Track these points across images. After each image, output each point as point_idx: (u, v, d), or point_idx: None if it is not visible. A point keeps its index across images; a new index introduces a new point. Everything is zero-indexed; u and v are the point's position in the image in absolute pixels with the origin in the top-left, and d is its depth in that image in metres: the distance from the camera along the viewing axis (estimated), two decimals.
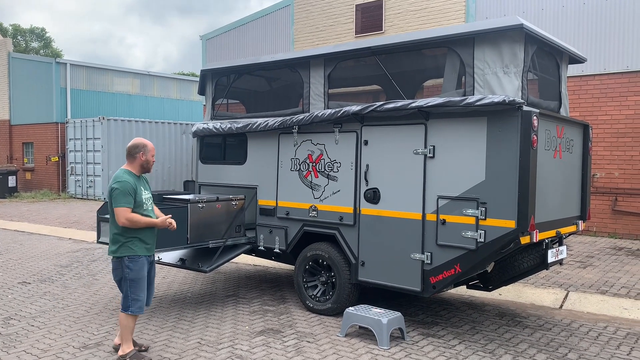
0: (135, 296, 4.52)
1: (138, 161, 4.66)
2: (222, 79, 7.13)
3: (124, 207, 4.42)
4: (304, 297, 6.08)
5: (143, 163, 4.67)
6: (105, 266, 8.61)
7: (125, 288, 4.53)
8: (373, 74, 6.30)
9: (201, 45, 18.83)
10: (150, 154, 4.69)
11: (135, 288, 4.53)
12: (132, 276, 4.51)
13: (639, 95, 10.99)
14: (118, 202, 4.43)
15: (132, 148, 4.66)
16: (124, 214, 4.42)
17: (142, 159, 4.66)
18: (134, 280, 4.51)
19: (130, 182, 4.51)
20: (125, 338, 4.58)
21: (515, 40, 4.78)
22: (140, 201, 4.56)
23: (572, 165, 5.69)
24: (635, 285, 7.13)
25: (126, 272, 4.51)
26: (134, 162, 4.66)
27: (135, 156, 4.65)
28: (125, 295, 4.53)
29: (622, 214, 11.21)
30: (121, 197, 4.43)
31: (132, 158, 4.66)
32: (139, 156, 4.65)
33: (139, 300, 4.54)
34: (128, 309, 4.52)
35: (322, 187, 5.93)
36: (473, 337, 5.30)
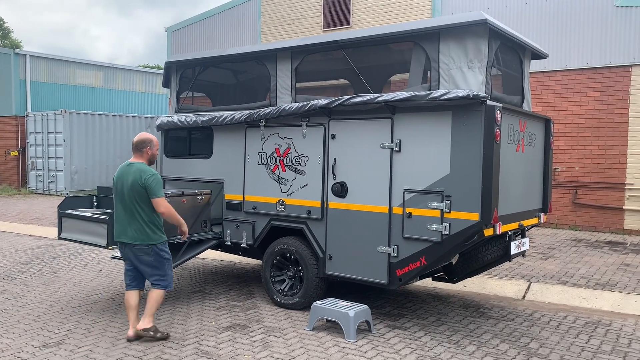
0: (168, 274, 4.96)
1: (145, 155, 4.95)
2: (187, 71, 7.02)
3: (163, 197, 4.84)
4: (271, 291, 6.06)
5: (150, 157, 4.98)
6: (68, 263, 8.40)
7: (163, 268, 4.92)
8: (340, 68, 6.29)
9: (166, 38, 18.50)
10: (155, 148, 5.00)
11: (169, 266, 4.99)
12: (168, 256, 4.96)
13: (598, 91, 11.31)
14: (158, 193, 4.79)
15: (140, 143, 4.93)
16: (164, 204, 4.83)
17: (149, 154, 4.96)
18: (169, 259, 4.98)
19: (153, 170, 4.88)
20: (152, 313, 4.95)
21: (480, 35, 4.85)
22: None
23: (534, 159, 5.82)
24: (593, 276, 7.35)
25: (164, 254, 4.92)
26: (142, 156, 4.95)
27: (142, 150, 4.94)
28: (164, 274, 4.92)
29: (582, 207, 11.54)
30: (159, 188, 4.80)
31: (140, 152, 4.94)
32: (146, 150, 4.95)
33: (170, 276, 5.00)
34: (167, 287, 4.97)
35: (289, 181, 5.91)
36: (438, 329, 5.38)
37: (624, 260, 8.40)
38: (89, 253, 9.19)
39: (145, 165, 4.89)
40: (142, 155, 4.94)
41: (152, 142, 4.97)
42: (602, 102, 11.27)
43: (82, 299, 6.34)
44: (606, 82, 11.23)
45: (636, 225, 11.00)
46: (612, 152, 11.20)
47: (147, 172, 4.81)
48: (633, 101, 10.97)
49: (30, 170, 19.86)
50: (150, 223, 4.85)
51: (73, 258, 8.81)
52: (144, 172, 4.79)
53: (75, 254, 9.17)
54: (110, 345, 4.85)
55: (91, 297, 6.46)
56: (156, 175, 4.82)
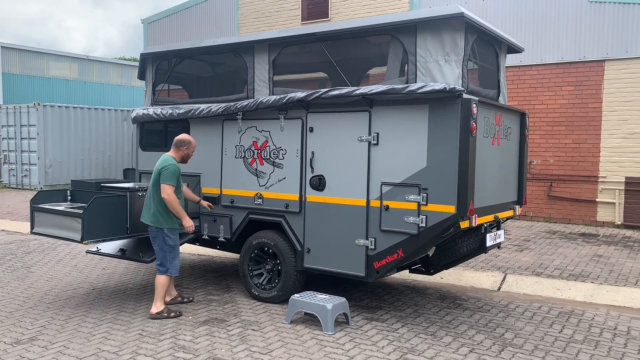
0: (172, 261, 5.42)
1: (181, 153, 5.55)
2: (163, 63, 6.92)
3: (169, 185, 5.31)
4: (249, 285, 6.04)
5: (184, 156, 5.58)
6: (41, 258, 8.25)
7: (164, 254, 5.40)
8: (319, 61, 6.27)
9: (142, 29, 18.22)
10: (191, 150, 5.61)
11: (174, 254, 5.44)
12: (171, 243, 5.40)
13: (572, 85, 11.50)
14: (166, 180, 5.30)
15: (180, 141, 5.56)
16: (167, 190, 5.30)
17: (184, 152, 5.56)
18: (173, 247, 5.42)
19: (178, 167, 5.44)
20: (160, 297, 5.43)
21: (456, 28, 4.87)
22: (179, 184, 5.49)
23: (509, 152, 5.89)
24: (567, 267, 7.49)
25: (167, 240, 5.39)
26: (177, 152, 5.56)
27: (180, 148, 5.55)
28: (164, 259, 5.41)
29: (556, 199, 11.74)
30: (169, 176, 5.32)
31: (177, 149, 5.55)
32: (183, 149, 5.55)
33: (175, 264, 5.45)
34: (167, 272, 5.41)
35: (267, 175, 5.88)
36: (415, 320, 5.43)
37: (596, 252, 8.58)
38: (63, 248, 9.04)
39: (171, 157, 5.47)
40: (178, 151, 5.54)
41: (190, 143, 5.59)
42: (576, 96, 11.46)
43: (56, 295, 6.24)
44: (580, 77, 11.42)
45: (608, 217, 11.23)
46: (585, 146, 11.41)
47: (168, 161, 5.40)
48: (606, 95, 11.18)
49: (3, 164, 19.43)
50: (162, 208, 5.35)
51: (47, 253, 8.66)
52: (165, 161, 5.40)
53: (50, 249, 9.02)
54: (85, 340, 4.79)
55: (65, 292, 6.36)
56: (173, 166, 5.37)
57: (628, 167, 11.02)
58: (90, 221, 5.34)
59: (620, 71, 11.04)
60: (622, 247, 8.99)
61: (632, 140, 10.96)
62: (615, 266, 7.57)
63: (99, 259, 8.16)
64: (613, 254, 8.39)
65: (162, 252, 5.42)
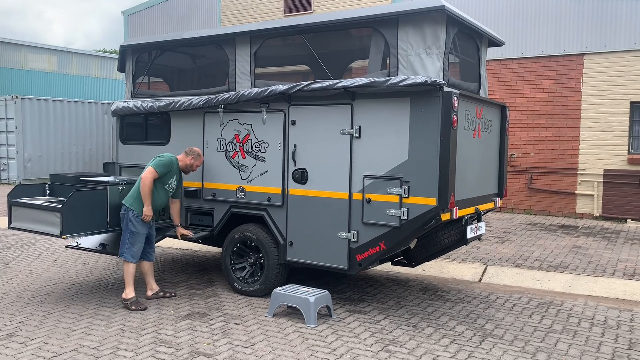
0: (130, 245, 5.43)
1: (187, 161, 5.73)
2: (143, 55, 6.83)
3: (153, 170, 5.40)
4: (231, 279, 6.02)
5: (189, 165, 5.74)
6: (20, 253, 8.13)
7: (125, 237, 5.44)
8: (301, 54, 6.24)
9: (123, 21, 17.97)
10: (197, 163, 5.78)
11: (133, 239, 5.43)
12: (132, 228, 5.40)
13: (552, 78, 11.62)
14: (154, 164, 5.44)
15: (190, 151, 5.78)
16: (148, 173, 5.38)
17: (189, 162, 5.73)
18: (133, 232, 5.41)
19: (174, 163, 5.60)
20: (127, 282, 5.48)
21: (437, 21, 4.88)
22: (166, 180, 5.58)
23: (490, 145, 5.94)
24: (547, 258, 7.60)
25: (129, 224, 5.41)
26: (185, 158, 5.74)
27: (188, 155, 5.74)
28: (123, 242, 5.45)
29: (536, 192, 11.89)
30: (159, 163, 5.45)
31: (186, 155, 5.75)
32: (190, 159, 5.73)
33: (132, 249, 5.44)
34: (123, 255, 5.45)
35: (249, 168, 5.85)
36: (397, 312, 5.46)
37: (575, 243, 8.71)
38: (42, 243, 8.92)
39: (175, 157, 5.68)
40: (185, 157, 5.74)
41: (199, 156, 5.78)
42: (557, 89, 11.59)
43: (35, 290, 6.16)
44: (560, 70, 11.55)
45: (587, 209, 11.41)
46: (565, 139, 11.56)
47: (168, 156, 5.60)
48: (585, 89, 11.33)
49: None
50: (138, 191, 5.43)
51: (26, 248, 8.54)
52: (167, 155, 5.61)
53: (28, 244, 8.89)
54: (65, 336, 4.73)
55: (45, 287, 6.27)
56: (169, 160, 5.54)
57: (606, 160, 11.19)
58: (70, 215, 5.27)
59: (599, 65, 11.19)
60: (600, 239, 9.14)
61: (611, 133, 11.13)
62: (593, 257, 7.70)
63: (79, 253, 8.07)
64: (591, 245, 8.53)
65: (123, 232, 5.48)
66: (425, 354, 4.41)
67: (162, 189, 5.61)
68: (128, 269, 5.49)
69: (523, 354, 4.44)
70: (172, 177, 5.65)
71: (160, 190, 5.59)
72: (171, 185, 5.68)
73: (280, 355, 4.35)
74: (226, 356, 4.32)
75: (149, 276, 5.78)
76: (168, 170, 5.55)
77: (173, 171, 5.63)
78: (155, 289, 5.82)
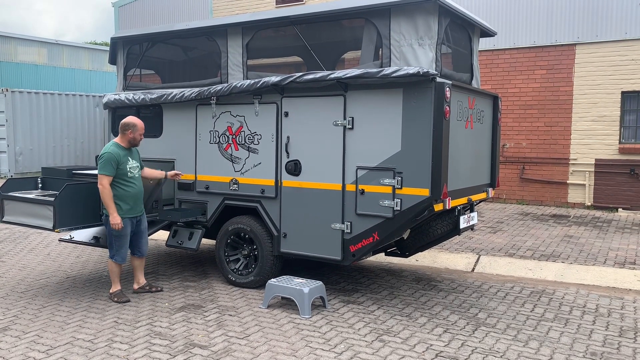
0: (118, 248, 5.42)
1: (126, 137, 5.44)
2: (135, 47, 6.79)
3: (103, 174, 5.25)
4: (225, 271, 6.03)
5: (131, 139, 5.45)
6: (13, 247, 8.10)
7: (110, 241, 5.42)
8: (293, 45, 6.22)
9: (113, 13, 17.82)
10: (138, 132, 5.46)
11: (118, 242, 5.40)
12: (114, 233, 5.34)
13: (544, 69, 11.66)
14: (100, 169, 5.27)
15: (123, 125, 5.45)
16: (101, 180, 5.25)
17: (130, 136, 5.44)
18: (116, 236, 5.36)
19: (115, 152, 5.30)
20: (112, 280, 5.56)
21: (430, 12, 4.88)
22: (123, 170, 5.34)
23: (482, 136, 5.96)
24: (539, 248, 7.66)
25: (110, 229, 5.33)
26: (123, 137, 5.45)
27: (125, 132, 5.43)
28: (110, 245, 5.44)
29: (528, 182, 11.96)
30: (102, 165, 5.25)
31: (122, 134, 5.45)
32: (128, 133, 5.43)
33: (120, 252, 5.43)
34: (113, 257, 5.45)
35: (242, 160, 5.85)
36: (391, 302, 5.50)
37: (567, 232, 8.78)
38: (35, 236, 8.88)
39: (112, 144, 5.39)
40: (123, 136, 5.44)
41: (135, 126, 5.44)
42: (548, 79, 11.63)
43: (28, 284, 6.14)
44: (552, 60, 11.59)
45: (579, 198, 11.50)
46: (557, 129, 11.62)
47: (104, 149, 5.33)
48: (577, 79, 11.37)
49: None
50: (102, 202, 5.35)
51: (19, 242, 8.50)
52: (103, 149, 5.34)
53: (21, 237, 8.85)
54: (59, 329, 4.74)
55: (38, 281, 6.26)
56: (107, 154, 5.25)
57: (598, 150, 11.26)
58: (62, 209, 5.25)
59: (590, 55, 11.23)
60: (592, 228, 9.22)
61: (602, 123, 11.19)
62: (585, 246, 7.77)
63: (73, 247, 8.05)
64: (583, 235, 8.61)
65: (108, 237, 5.44)
66: (419, 343, 4.44)
67: (128, 180, 5.37)
68: (113, 267, 5.50)
69: (515, 342, 4.49)
70: (126, 162, 5.36)
71: (129, 182, 5.36)
72: (132, 169, 5.42)
73: (274, 346, 4.37)
74: (221, 347, 4.34)
75: (138, 270, 5.78)
76: (116, 163, 5.26)
77: (122, 158, 5.32)
78: (142, 282, 5.81)
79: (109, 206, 5.23)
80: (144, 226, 5.64)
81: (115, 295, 5.50)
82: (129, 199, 5.37)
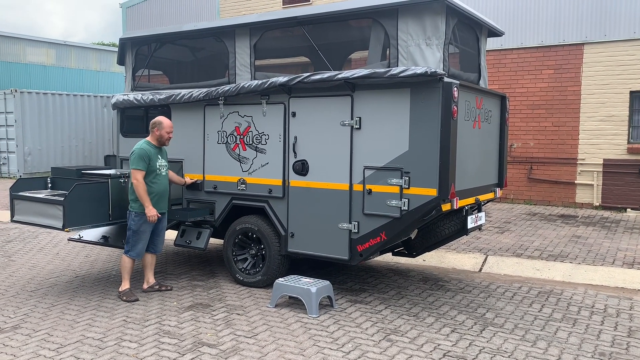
0: (134, 244, 5.51)
1: (154, 135, 5.60)
2: (143, 48, 6.83)
3: (136, 169, 5.40)
4: (233, 270, 6.05)
5: (158, 137, 5.59)
6: (23, 246, 8.17)
7: (128, 235, 5.52)
8: (300, 45, 6.24)
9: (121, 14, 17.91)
10: (164, 130, 5.58)
11: (136, 238, 5.50)
12: (134, 228, 5.48)
13: (552, 68, 11.61)
14: (132, 164, 5.41)
15: (151, 124, 5.63)
16: (135, 175, 5.39)
17: (156, 134, 5.58)
18: (135, 231, 5.48)
19: (145, 150, 5.46)
20: (123, 277, 5.61)
21: (437, 12, 4.88)
22: (153, 167, 5.51)
23: (490, 135, 5.95)
24: (546, 248, 7.64)
25: (130, 224, 5.49)
26: (152, 135, 5.62)
27: (152, 131, 5.61)
28: (127, 241, 5.53)
29: (536, 182, 11.91)
30: (134, 160, 5.40)
31: (151, 132, 5.63)
32: (154, 131, 5.59)
33: (136, 248, 5.54)
34: (127, 253, 5.55)
35: (250, 160, 5.87)
36: (398, 302, 5.50)
37: (575, 233, 8.75)
38: (45, 236, 8.95)
39: (144, 142, 5.55)
40: (152, 134, 5.61)
41: (160, 124, 5.58)
42: (556, 79, 11.58)
43: (38, 283, 6.20)
44: (560, 60, 11.54)
45: (587, 198, 11.44)
46: (565, 129, 11.57)
47: (136, 146, 5.49)
48: (585, 79, 11.32)
49: None
50: (131, 192, 5.50)
51: (28, 241, 8.57)
52: (135, 146, 5.49)
53: (31, 237, 8.92)
54: (69, 328, 4.78)
55: (48, 280, 6.31)
56: (137, 150, 5.43)
57: (606, 150, 11.20)
58: (72, 208, 5.30)
59: (598, 54, 11.18)
60: (600, 228, 9.18)
61: (610, 123, 11.14)
62: (593, 246, 7.73)
63: (81, 246, 8.11)
64: (591, 235, 8.57)
65: (127, 232, 5.55)
66: (427, 343, 4.45)
67: (156, 176, 5.54)
68: (125, 263, 5.58)
69: (523, 342, 4.48)
70: (156, 160, 5.55)
71: (156, 178, 5.53)
72: (161, 167, 5.60)
73: (282, 345, 4.39)
74: (229, 346, 4.36)
75: (149, 269, 5.82)
76: (147, 159, 5.44)
77: (153, 155, 5.50)
78: (151, 282, 5.85)
79: (144, 199, 5.39)
80: (163, 224, 5.76)
81: (124, 294, 5.54)
82: (154, 195, 5.51)
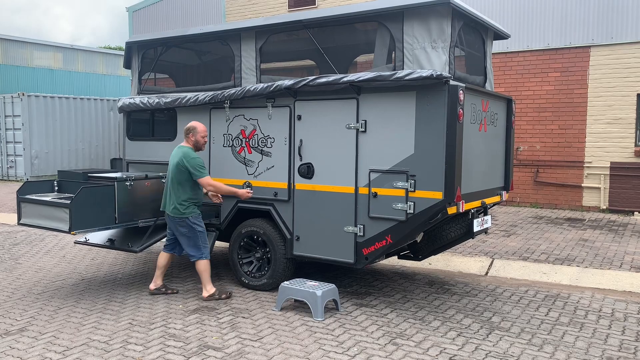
0: (204, 243, 5.61)
1: (190, 141, 5.60)
2: (149, 51, 6.86)
3: (205, 177, 5.48)
4: (239, 273, 6.05)
5: (195, 143, 5.61)
6: (29, 249, 8.20)
7: (196, 240, 5.56)
8: (306, 49, 6.24)
9: (127, 18, 18.01)
10: (199, 135, 5.59)
11: (204, 238, 5.62)
12: (199, 229, 5.57)
13: (558, 71, 11.57)
14: (200, 173, 5.44)
15: (186, 130, 5.63)
16: (208, 181, 5.50)
17: (192, 139, 5.59)
18: (202, 232, 5.59)
19: (193, 153, 5.52)
20: (207, 280, 5.64)
21: (443, 15, 4.88)
22: None
23: (496, 138, 5.93)
24: (553, 251, 7.60)
25: (196, 227, 5.55)
26: (188, 142, 5.62)
27: (187, 136, 5.62)
28: (196, 245, 5.58)
29: (543, 185, 11.86)
30: (200, 169, 5.45)
31: (186, 138, 5.63)
32: (190, 137, 5.60)
33: (207, 247, 5.66)
34: (202, 256, 5.59)
35: (255, 163, 5.88)
36: (404, 306, 5.49)
37: (582, 236, 8.70)
38: (51, 239, 8.99)
39: (188, 149, 5.53)
40: (187, 141, 5.61)
41: (195, 129, 5.58)
42: (562, 82, 11.54)
43: (45, 286, 6.22)
44: (566, 63, 11.49)
45: (594, 202, 11.38)
46: (571, 132, 11.51)
47: (188, 155, 5.46)
48: (592, 81, 11.27)
49: None
50: (183, 200, 5.48)
51: (35, 244, 8.61)
52: (185, 155, 5.45)
53: (37, 240, 8.96)
54: (75, 330, 4.79)
55: (54, 283, 6.34)
56: (196, 159, 5.47)
57: (613, 153, 11.14)
58: (78, 211, 5.31)
59: (605, 57, 11.13)
60: (607, 231, 9.12)
61: (617, 126, 11.08)
62: (600, 250, 7.69)
63: (88, 249, 8.13)
64: (598, 238, 8.52)
65: (193, 238, 5.56)
66: (433, 347, 4.43)
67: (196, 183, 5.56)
68: (205, 267, 5.60)
69: (530, 347, 4.45)
70: None
71: (197, 184, 5.55)
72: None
73: (288, 348, 4.38)
74: (234, 350, 4.36)
75: (162, 270, 5.85)
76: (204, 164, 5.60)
77: None
78: (159, 284, 5.86)
79: (232, 190, 5.62)
80: None
81: (217, 294, 5.60)
82: (198, 201, 5.62)
